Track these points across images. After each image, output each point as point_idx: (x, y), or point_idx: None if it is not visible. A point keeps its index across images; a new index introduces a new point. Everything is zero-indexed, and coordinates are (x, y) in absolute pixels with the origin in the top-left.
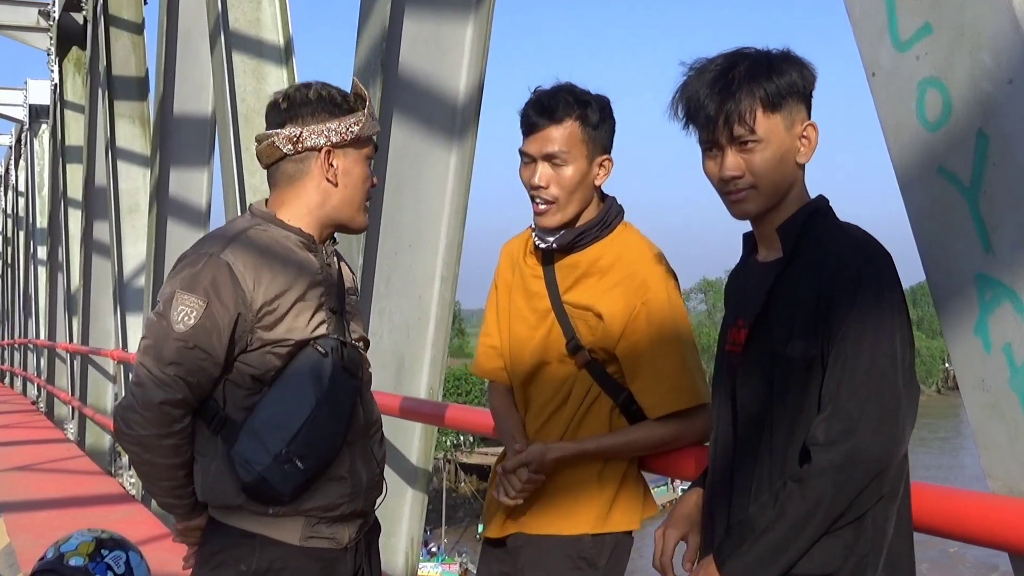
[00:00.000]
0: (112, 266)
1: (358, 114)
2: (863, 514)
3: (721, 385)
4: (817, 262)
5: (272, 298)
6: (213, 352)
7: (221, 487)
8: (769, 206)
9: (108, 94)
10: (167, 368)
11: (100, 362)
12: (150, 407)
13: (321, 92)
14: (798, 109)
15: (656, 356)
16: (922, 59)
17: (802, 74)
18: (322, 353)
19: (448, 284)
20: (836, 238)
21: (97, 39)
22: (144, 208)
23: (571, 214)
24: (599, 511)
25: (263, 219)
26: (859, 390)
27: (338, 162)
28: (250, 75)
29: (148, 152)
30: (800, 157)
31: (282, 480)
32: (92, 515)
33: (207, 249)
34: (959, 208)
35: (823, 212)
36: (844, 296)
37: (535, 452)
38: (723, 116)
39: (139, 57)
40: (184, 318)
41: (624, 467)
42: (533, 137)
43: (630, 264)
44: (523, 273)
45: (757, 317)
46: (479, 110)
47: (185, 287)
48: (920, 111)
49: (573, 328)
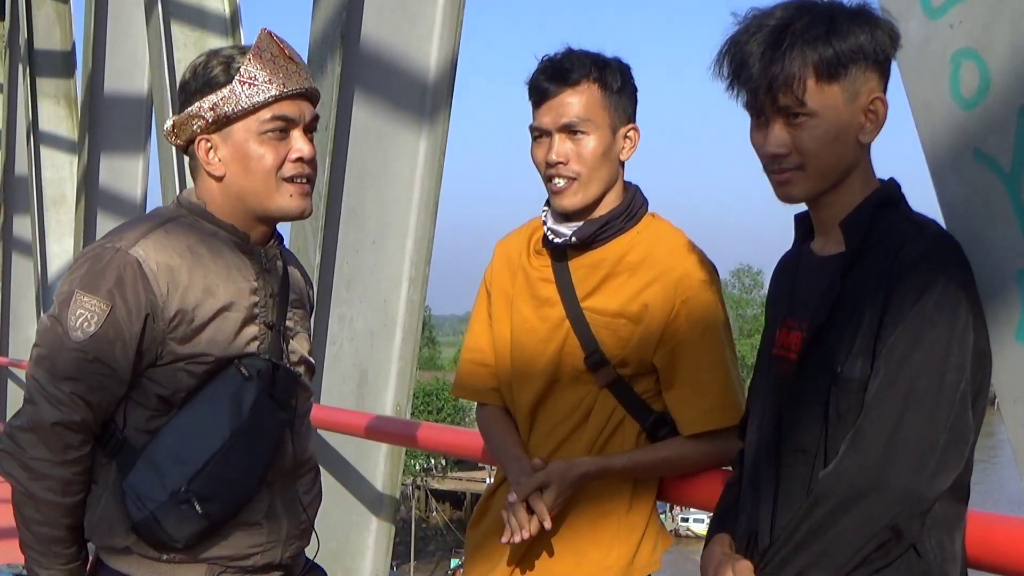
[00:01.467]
0: (34, 266)
1: (231, 84)
2: (913, 544)
3: (764, 396)
4: (884, 263)
5: (191, 306)
6: (116, 366)
7: (109, 523)
8: (819, 191)
9: (30, 70)
10: (62, 384)
11: (21, 376)
12: (42, 428)
13: (197, 67)
14: (866, 78)
15: (698, 365)
16: (957, 28)
17: (873, 36)
18: (245, 375)
19: (417, 287)
20: (905, 235)
21: (17, 7)
22: (71, 200)
23: (594, 194)
24: (627, 554)
25: (190, 210)
26: (889, 418)
27: (219, 150)
28: (191, 48)
29: (75, 136)
30: (864, 136)
31: (177, 523)
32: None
33: (116, 242)
34: (998, 196)
35: (894, 202)
36: (902, 304)
37: (558, 470)
38: (768, 81)
39: (65, 28)
40: (83, 324)
41: (652, 500)
42: (546, 106)
43: (664, 258)
44: (528, 276)
45: (820, 325)
46: (452, 89)
47: (85, 286)
48: (954, 87)
49: (596, 339)
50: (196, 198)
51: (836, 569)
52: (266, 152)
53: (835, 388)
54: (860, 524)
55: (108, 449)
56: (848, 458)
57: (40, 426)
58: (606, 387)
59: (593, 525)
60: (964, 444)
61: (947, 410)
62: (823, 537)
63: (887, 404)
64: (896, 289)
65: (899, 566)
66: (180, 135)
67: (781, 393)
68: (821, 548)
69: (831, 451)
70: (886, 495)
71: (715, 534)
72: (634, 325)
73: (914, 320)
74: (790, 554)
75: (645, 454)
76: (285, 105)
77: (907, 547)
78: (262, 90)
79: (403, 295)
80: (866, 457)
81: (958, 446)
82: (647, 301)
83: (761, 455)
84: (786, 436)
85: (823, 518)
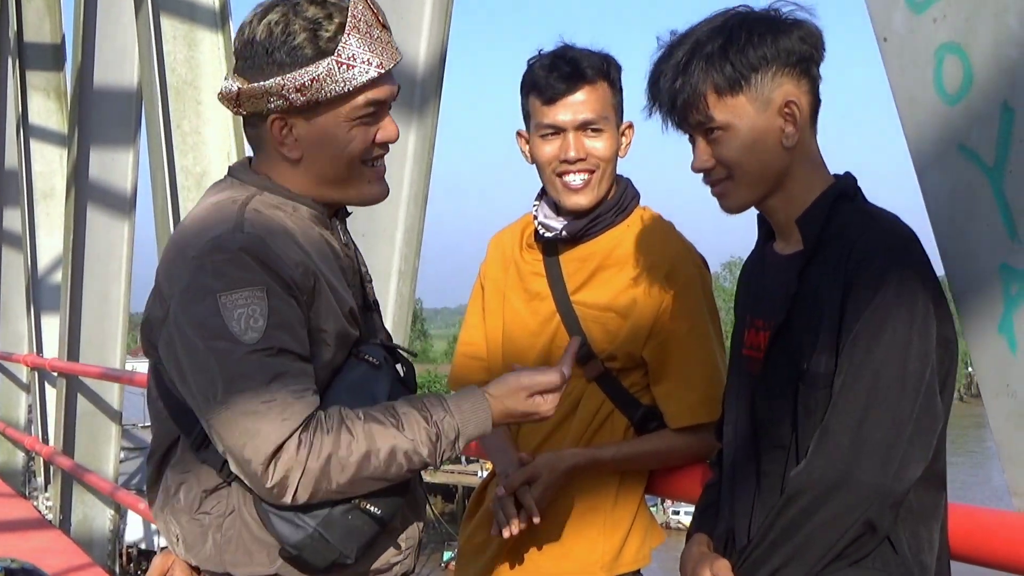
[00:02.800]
0: (24, 259)
1: (324, 62)
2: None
3: (737, 395)
4: (840, 258)
5: (311, 285)
6: (303, 350)
7: (248, 551)
8: (756, 198)
9: (19, 63)
10: (266, 391)
11: (11, 368)
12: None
13: (274, 28)
14: (776, 83)
15: (686, 359)
16: (940, 22)
17: (776, 42)
18: (375, 364)
19: (407, 280)
20: (860, 228)
21: (5, 1)
22: (61, 193)
23: (605, 190)
24: (612, 551)
25: (257, 185)
26: (854, 413)
27: (299, 131)
28: (181, 42)
29: (65, 129)
30: (786, 139)
31: (344, 535)
32: (4, 542)
33: (211, 233)
34: (981, 191)
35: (849, 196)
36: (861, 298)
37: (546, 463)
38: (672, 101)
39: (54, 21)
40: (249, 322)
41: (640, 495)
42: (562, 103)
43: (653, 252)
44: (520, 270)
45: (780, 324)
46: (441, 81)
47: (225, 285)
48: (938, 81)
49: (585, 333)
50: (260, 172)
51: (810, 565)
52: (355, 138)
53: (802, 385)
54: (832, 520)
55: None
56: (817, 456)
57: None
58: (594, 380)
59: (579, 520)
60: (931, 434)
61: (911, 402)
62: (797, 534)
63: (852, 400)
64: (854, 283)
65: (875, 558)
66: (247, 106)
67: (753, 392)
68: (795, 545)
69: (803, 447)
70: (855, 491)
71: (694, 534)
72: (623, 319)
73: (874, 313)
74: (766, 552)
75: (633, 446)
76: (381, 87)
77: (881, 539)
78: (360, 71)
79: (392, 288)
80: (833, 454)
81: (925, 436)
82: (636, 295)
83: (740, 454)
84: (763, 433)
85: (796, 516)
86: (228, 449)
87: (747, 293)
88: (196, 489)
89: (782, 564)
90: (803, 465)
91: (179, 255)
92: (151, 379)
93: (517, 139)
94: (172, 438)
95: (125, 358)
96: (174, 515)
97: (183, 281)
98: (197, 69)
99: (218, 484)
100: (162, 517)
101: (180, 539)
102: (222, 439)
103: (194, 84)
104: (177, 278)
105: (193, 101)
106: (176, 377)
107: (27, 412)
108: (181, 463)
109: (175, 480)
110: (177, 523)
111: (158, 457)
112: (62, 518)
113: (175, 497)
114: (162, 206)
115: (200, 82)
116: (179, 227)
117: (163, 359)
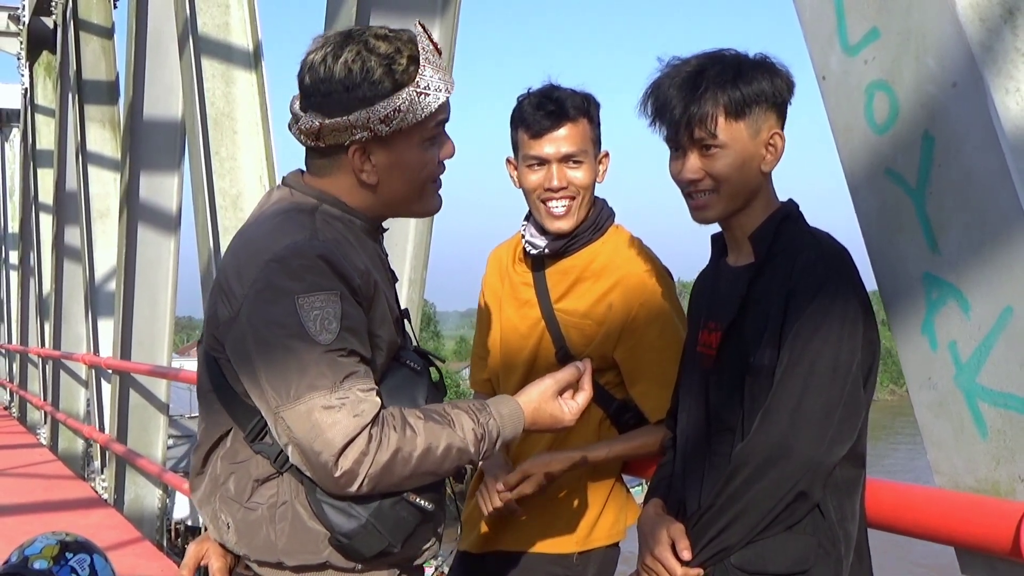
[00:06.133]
0: (83, 271)
1: (403, 93)
2: (817, 505)
3: (691, 387)
4: (786, 268)
5: (371, 293)
6: (367, 353)
7: (301, 541)
8: (729, 212)
9: (78, 98)
10: (341, 388)
11: (72, 367)
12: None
13: (352, 65)
14: (766, 117)
15: (658, 359)
16: (870, 63)
17: (772, 83)
18: (417, 370)
19: (416, 287)
20: (804, 244)
21: (67, 43)
22: (114, 213)
23: (584, 214)
24: (586, 527)
25: (315, 198)
26: (792, 394)
27: (377, 158)
28: (219, 79)
29: (118, 156)
30: (765, 165)
31: (395, 525)
32: (64, 519)
33: (288, 239)
34: (906, 209)
35: (793, 218)
36: (802, 301)
37: (540, 463)
38: (686, 119)
39: (109, 61)
40: (324, 323)
41: (612, 479)
42: (547, 138)
43: (624, 266)
44: (512, 281)
45: (731, 324)
46: None
47: (304, 288)
48: (868, 114)
49: (564, 337)
50: (322, 188)
51: (751, 527)
52: (428, 160)
53: (749, 376)
54: (771, 488)
55: (280, 458)
56: (759, 432)
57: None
58: None
59: (555, 503)
60: (857, 417)
61: (841, 388)
62: (740, 501)
63: (790, 384)
64: (796, 290)
65: (806, 524)
66: (329, 139)
67: (706, 383)
68: (738, 510)
69: (748, 428)
70: (792, 462)
71: (650, 499)
72: (598, 325)
73: (813, 314)
74: (713, 516)
75: (623, 443)
76: (445, 109)
77: (812, 507)
78: (435, 98)
79: (403, 295)
80: (774, 430)
81: (852, 419)
82: (610, 303)
83: (693, 437)
84: (714, 418)
85: (740, 485)
86: (297, 441)
87: (700, 299)
88: (247, 479)
89: (726, 525)
90: (747, 440)
91: (253, 257)
92: (203, 373)
93: (507, 165)
94: (224, 430)
95: (172, 356)
96: (224, 503)
97: (259, 282)
98: (233, 103)
99: (270, 474)
100: (210, 504)
101: (231, 528)
102: (292, 430)
103: (231, 116)
104: (251, 279)
105: (230, 131)
106: (244, 372)
107: (86, 405)
108: (232, 453)
109: (225, 469)
110: (228, 512)
111: (207, 447)
112: (116, 497)
113: (224, 486)
114: (203, 223)
115: (236, 114)
116: (244, 233)
117: (231, 354)
